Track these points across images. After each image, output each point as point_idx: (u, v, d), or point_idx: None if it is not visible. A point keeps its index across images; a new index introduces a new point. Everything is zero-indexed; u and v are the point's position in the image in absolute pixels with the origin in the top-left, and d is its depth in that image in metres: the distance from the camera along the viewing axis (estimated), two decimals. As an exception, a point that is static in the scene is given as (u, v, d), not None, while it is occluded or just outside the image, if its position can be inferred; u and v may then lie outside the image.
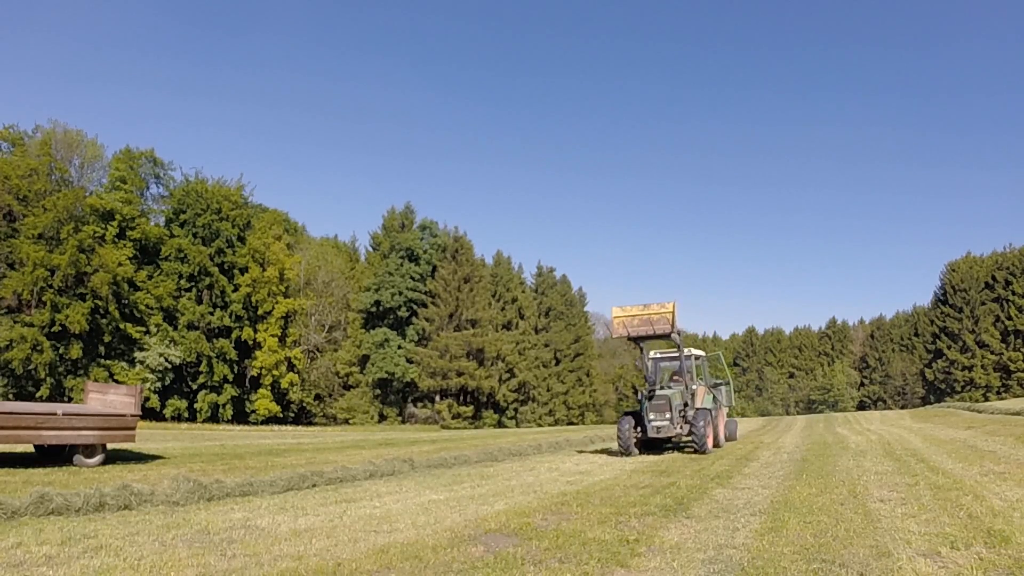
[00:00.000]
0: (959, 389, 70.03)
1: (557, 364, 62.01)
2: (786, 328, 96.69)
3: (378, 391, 55.37)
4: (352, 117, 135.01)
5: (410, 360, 54.15)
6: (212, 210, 45.66)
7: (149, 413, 39.96)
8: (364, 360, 55.23)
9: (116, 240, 41.91)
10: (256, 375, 47.05)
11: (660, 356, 18.79)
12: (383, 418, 54.66)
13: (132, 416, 13.13)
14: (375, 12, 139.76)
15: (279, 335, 47.62)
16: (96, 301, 38.67)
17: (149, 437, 20.60)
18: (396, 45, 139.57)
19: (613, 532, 6.63)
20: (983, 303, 72.55)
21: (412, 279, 56.61)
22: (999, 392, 67.69)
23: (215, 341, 45.09)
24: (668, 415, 15.87)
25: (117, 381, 37.94)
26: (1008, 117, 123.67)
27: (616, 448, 16.87)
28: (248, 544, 6.24)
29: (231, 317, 45.88)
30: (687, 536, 6.42)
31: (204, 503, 8.91)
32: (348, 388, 55.28)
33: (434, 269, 57.48)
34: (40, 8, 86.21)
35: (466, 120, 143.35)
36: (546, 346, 61.56)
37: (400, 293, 55.71)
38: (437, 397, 54.32)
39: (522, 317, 60.59)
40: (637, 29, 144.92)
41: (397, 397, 56.32)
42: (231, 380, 45.65)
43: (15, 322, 37.31)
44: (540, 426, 53.59)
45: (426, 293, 56.34)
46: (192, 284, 45.07)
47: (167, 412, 43.01)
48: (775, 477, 11.05)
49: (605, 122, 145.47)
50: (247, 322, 46.70)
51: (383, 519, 7.64)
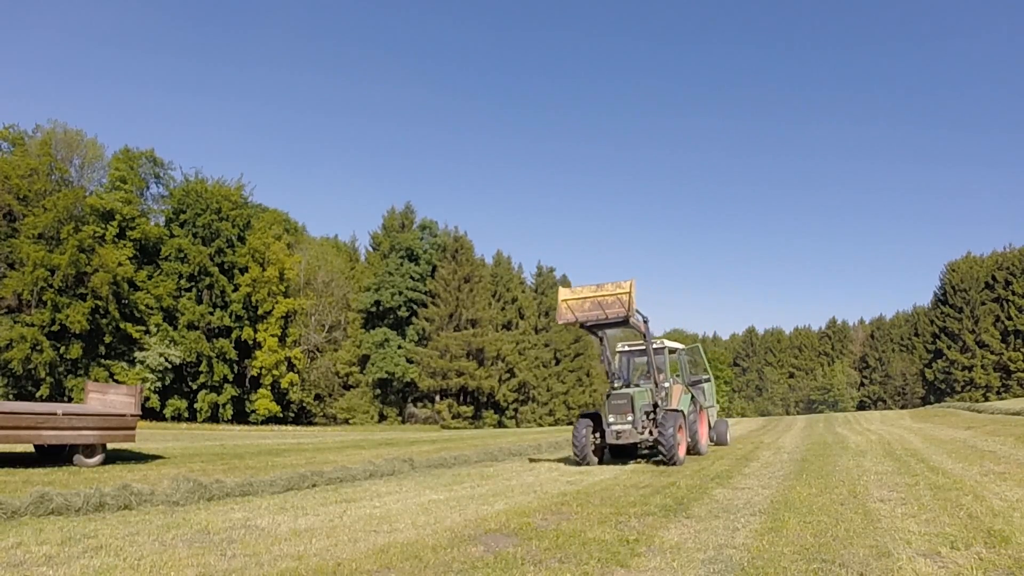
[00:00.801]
0: (959, 389, 70.03)
1: (557, 364, 62.01)
2: (786, 328, 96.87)
3: (378, 391, 55.37)
4: (352, 117, 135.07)
5: (410, 360, 54.16)
6: (212, 210, 45.65)
7: (149, 413, 39.96)
8: (364, 360, 55.23)
9: (116, 240, 41.91)
10: (256, 375, 47.06)
11: (631, 349, 16.40)
12: (383, 418, 54.67)
13: (132, 416, 13.13)
14: (375, 12, 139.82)
15: (279, 335, 47.62)
16: (96, 301, 38.67)
17: (149, 437, 20.60)
18: (396, 45, 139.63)
19: (613, 532, 6.63)
20: (983, 303, 72.56)
21: (412, 279, 56.61)
22: (999, 392, 67.70)
23: (215, 341, 45.09)
24: (630, 417, 13.57)
25: (117, 381, 37.95)
26: (1008, 117, 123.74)
27: (572, 457, 14.49)
28: (248, 544, 6.24)
29: (231, 317, 45.88)
30: (687, 536, 6.42)
31: (204, 503, 8.91)
32: (348, 388, 55.29)
33: (434, 269, 57.48)
34: (40, 8, 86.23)
35: (466, 120, 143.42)
36: (546, 346, 61.56)
37: (400, 293, 55.71)
38: (437, 397, 54.32)
39: (522, 317, 60.61)
40: (637, 28, 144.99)
41: (397, 397, 56.33)
42: (231, 380, 45.65)
43: (15, 322, 37.31)
44: (540, 426, 53.58)
45: (426, 293, 56.35)
46: (192, 284, 45.07)
47: (167, 412, 43.01)
48: (775, 477, 11.05)
49: (605, 122, 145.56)
50: (247, 322, 46.70)
51: (383, 519, 7.63)
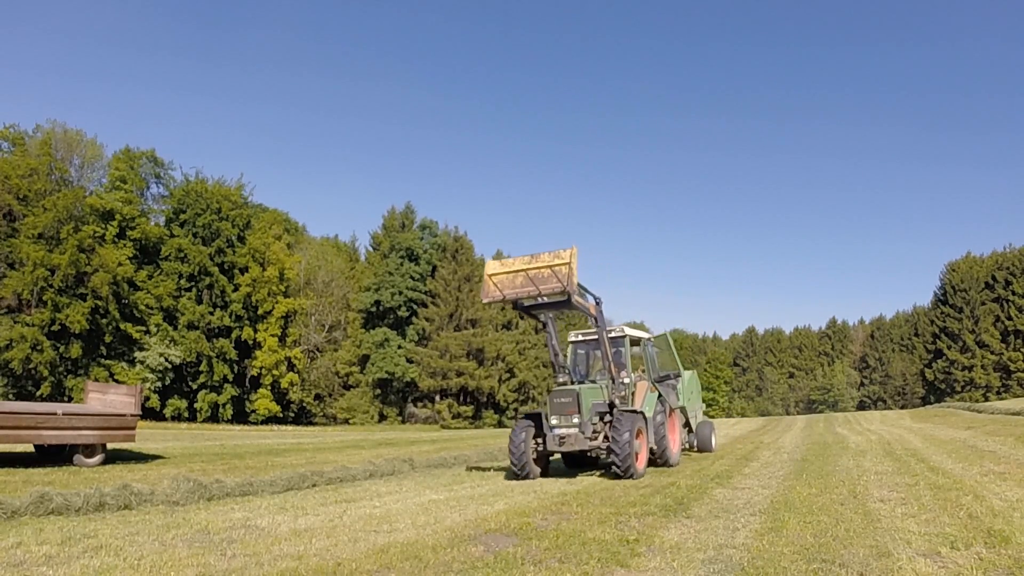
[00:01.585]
0: (959, 389, 70.01)
1: (557, 364, 61.92)
2: (786, 328, 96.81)
3: (378, 391, 55.37)
4: (352, 117, 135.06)
5: (410, 360, 54.15)
6: (212, 210, 45.66)
7: (149, 413, 39.96)
8: (364, 360, 55.23)
9: (116, 240, 41.92)
10: (256, 375, 47.06)
11: (586, 339, 13.80)
12: (383, 418, 54.67)
13: (132, 416, 13.14)
14: (375, 11, 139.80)
15: (279, 335, 47.63)
16: (96, 301, 38.67)
17: (149, 437, 20.60)
18: (396, 45, 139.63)
19: (613, 532, 6.63)
20: (983, 303, 72.54)
21: (412, 279, 56.61)
22: (999, 392, 67.68)
23: (215, 341, 45.10)
24: (576, 419, 11.22)
25: (117, 381, 37.95)
26: (1008, 117, 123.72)
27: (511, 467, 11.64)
28: (248, 544, 6.24)
29: (231, 317, 45.88)
30: (687, 536, 6.42)
31: (204, 503, 8.91)
32: (348, 388, 55.29)
33: (434, 269, 57.49)
34: (40, 8, 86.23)
35: (466, 120, 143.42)
36: (546, 346, 61.45)
37: (400, 293, 55.71)
38: (437, 397, 54.31)
39: (522, 317, 60.53)
40: (637, 27, 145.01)
41: (397, 397, 56.33)
42: (231, 380, 45.66)
43: (15, 322, 37.32)
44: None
45: (426, 293, 56.35)
46: (192, 284, 45.07)
47: (167, 412, 43.02)
48: (775, 477, 11.05)
49: (605, 121, 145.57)
50: (247, 322, 46.71)
51: (383, 519, 7.64)
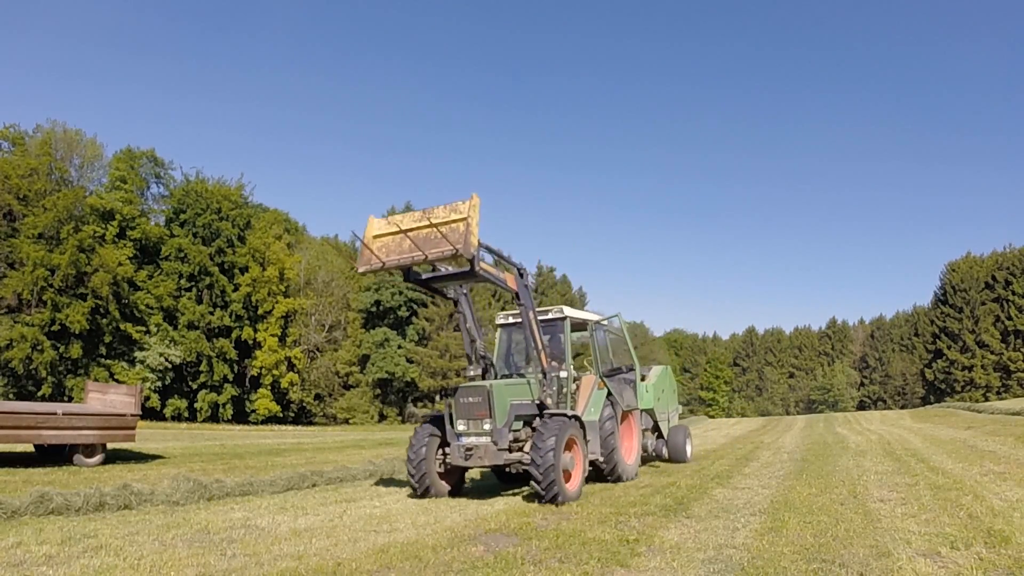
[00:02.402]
0: (959, 389, 70.03)
1: (557, 364, 61.94)
2: (786, 328, 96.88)
3: (378, 391, 55.36)
4: (352, 117, 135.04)
5: (410, 360, 54.14)
6: (212, 210, 45.67)
7: (149, 413, 39.96)
8: (364, 360, 55.23)
9: (116, 240, 41.92)
10: (256, 375, 47.07)
11: (517, 321, 10.80)
12: (383, 418, 54.66)
13: (132, 416, 13.15)
14: (375, 11, 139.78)
15: (279, 335, 47.63)
16: (96, 301, 38.67)
17: (149, 437, 20.60)
18: (396, 44, 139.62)
19: (613, 532, 6.63)
20: (983, 303, 72.55)
21: (412, 279, 56.56)
22: (999, 392, 67.69)
23: (215, 341, 45.10)
24: (488, 424, 8.86)
25: (117, 381, 37.96)
26: (1008, 116, 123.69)
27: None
28: (248, 544, 6.24)
29: (231, 317, 45.89)
30: (687, 536, 6.42)
31: (204, 503, 8.91)
32: (348, 388, 55.28)
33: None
34: (40, 8, 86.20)
35: (466, 120, 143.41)
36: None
37: (400, 292, 55.70)
38: (437, 397, 54.19)
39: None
40: (636, 27, 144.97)
41: (397, 397, 56.32)
42: (231, 380, 45.66)
43: (15, 322, 37.31)
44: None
45: (426, 293, 56.27)
46: (192, 284, 45.07)
47: (167, 412, 43.02)
48: (775, 477, 11.05)
49: (605, 121, 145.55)
50: (247, 322, 46.71)
51: (383, 519, 7.64)
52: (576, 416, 9.21)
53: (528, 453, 8.65)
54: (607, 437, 10.34)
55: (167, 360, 42.13)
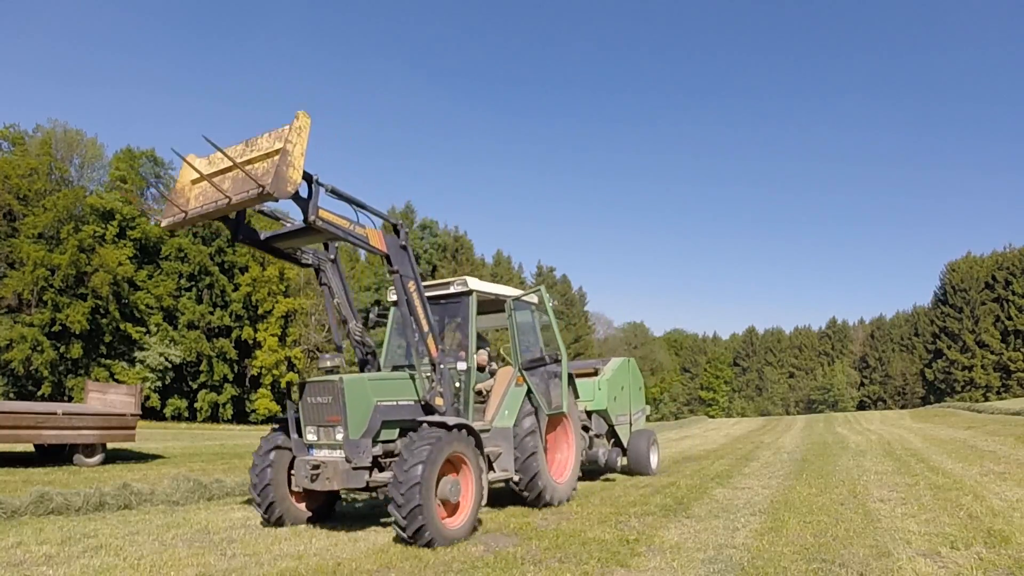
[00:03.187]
0: (959, 389, 70.08)
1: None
2: (786, 328, 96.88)
3: (378, 391, 55.37)
4: (353, 117, 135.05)
5: (410, 360, 54.17)
6: (212, 210, 45.64)
7: (149, 412, 39.98)
8: (364, 360, 55.24)
9: (116, 240, 41.95)
10: (256, 374, 47.09)
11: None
12: (383, 418, 54.68)
13: (132, 415, 13.15)
14: (375, 11, 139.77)
15: (279, 334, 47.65)
16: (96, 301, 38.68)
17: (149, 436, 20.61)
18: (396, 44, 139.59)
19: (613, 532, 6.64)
20: (983, 303, 72.59)
21: (412, 279, 56.62)
22: (999, 392, 67.73)
23: (215, 340, 45.12)
24: (340, 434, 6.75)
25: (117, 380, 37.95)
26: (1008, 117, 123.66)
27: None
28: (248, 543, 6.24)
29: (231, 316, 45.92)
30: (687, 536, 6.43)
31: (204, 502, 8.91)
32: (348, 388, 55.28)
33: (434, 269, 57.50)
34: (40, 8, 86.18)
35: (466, 120, 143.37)
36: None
37: (400, 293, 55.76)
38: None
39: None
40: (638, 27, 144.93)
41: (397, 397, 56.33)
42: (231, 379, 45.70)
43: (15, 322, 37.34)
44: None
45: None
46: (192, 284, 45.10)
47: (167, 411, 43.05)
48: (775, 477, 11.05)
49: (605, 121, 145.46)
50: (247, 321, 46.74)
51: (383, 518, 7.64)
52: (464, 425, 6.69)
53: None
54: (526, 450, 7.97)
55: (167, 360, 42.15)
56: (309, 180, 6.18)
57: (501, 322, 9.44)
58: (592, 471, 11.91)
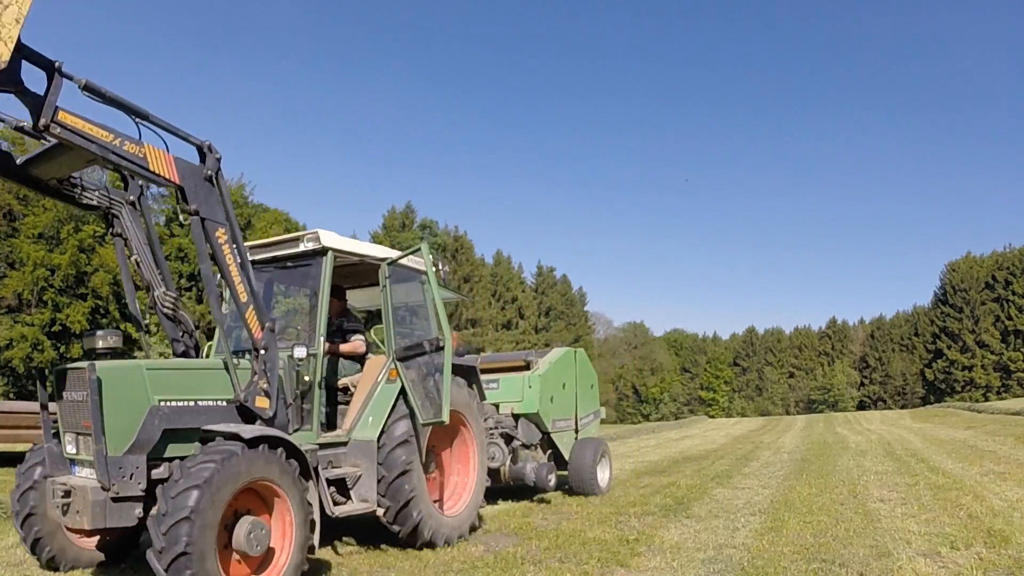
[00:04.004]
0: (959, 389, 70.07)
1: (557, 364, 62.05)
2: (786, 328, 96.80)
3: (378, 391, 55.46)
4: (352, 117, 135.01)
5: (410, 360, 54.23)
6: (212, 210, 45.66)
7: (149, 413, 39.97)
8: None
9: (116, 240, 42.01)
10: (256, 375, 47.16)
11: (266, 256, 6.52)
12: (383, 418, 54.75)
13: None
14: (375, 11, 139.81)
15: (279, 335, 47.73)
16: (96, 301, 38.71)
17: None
18: (398, 44, 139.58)
19: (613, 532, 6.64)
20: (983, 303, 72.59)
21: (412, 279, 56.70)
22: (999, 392, 67.70)
23: (215, 341, 45.21)
24: (75, 444, 4.84)
25: (117, 381, 37.95)
26: (1008, 116, 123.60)
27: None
28: None
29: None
30: (687, 536, 6.43)
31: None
32: (348, 388, 55.36)
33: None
34: (40, 8, 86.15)
35: (466, 120, 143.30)
36: (546, 346, 61.59)
37: (400, 292, 55.84)
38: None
39: (522, 317, 60.66)
40: (638, 26, 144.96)
41: (397, 397, 56.42)
42: (231, 380, 45.76)
43: (15, 322, 37.39)
44: (540, 426, 53.55)
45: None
46: (192, 284, 45.10)
47: (167, 412, 43.09)
48: (775, 477, 11.06)
49: (606, 121, 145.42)
50: (247, 322, 46.81)
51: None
52: (272, 438, 4.69)
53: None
54: (395, 467, 5.78)
55: (167, 360, 42.21)
56: (49, 69, 4.40)
57: (412, 297, 7.06)
58: (525, 490, 9.18)
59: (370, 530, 6.93)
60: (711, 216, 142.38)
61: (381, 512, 5.84)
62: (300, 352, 5.44)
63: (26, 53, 4.30)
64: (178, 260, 44.58)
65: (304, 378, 5.63)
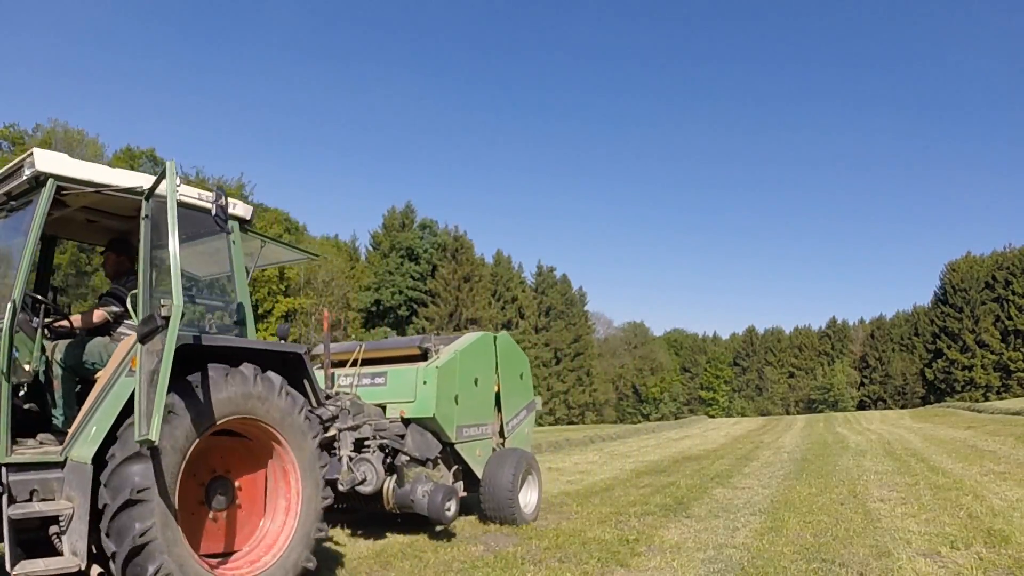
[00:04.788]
0: (959, 389, 70.09)
1: (557, 363, 62.05)
2: (786, 328, 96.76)
3: (378, 390, 55.40)
4: (353, 116, 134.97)
5: (410, 359, 54.19)
6: (212, 209, 45.70)
7: (149, 412, 40.00)
8: (364, 359, 55.27)
9: (116, 239, 42.05)
10: (256, 374, 47.19)
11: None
12: (383, 417, 54.72)
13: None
14: (375, 11, 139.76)
15: (279, 334, 47.75)
16: (97, 301, 38.83)
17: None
18: (398, 43, 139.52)
19: (613, 532, 6.64)
20: (983, 303, 72.60)
21: (412, 278, 56.67)
22: (999, 392, 67.69)
23: (215, 340, 45.22)
24: None
25: (117, 380, 37.99)
26: (1008, 116, 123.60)
27: None
28: None
29: (231, 316, 46.03)
30: (687, 536, 6.43)
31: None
32: (348, 387, 55.31)
33: (434, 268, 57.53)
34: (40, 8, 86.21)
35: (466, 120, 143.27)
36: (546, 345, 61.60)
37: (400, 292, 55.78)
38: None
39: (522, 316, 60.64)
40: (638, 26, 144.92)
41: (397, 396, 56.36)
42: (231, 379, 45.77)
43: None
44: (540, 425, 53.63)
45: (426, 292, 56.40)
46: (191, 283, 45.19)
47: (167, 411, 43.12)
48: (775, 477, 11.06)
49: (606, 121, 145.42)
50: (247, 321, 46.85)
51: (382, 518, 7.63)
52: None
53: None
54: (120, 494, 3.64)
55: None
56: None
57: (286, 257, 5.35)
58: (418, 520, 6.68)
59: (370, 529, 6.93)
60: (711, 216, 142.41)
61: (113, 565, 3.68)
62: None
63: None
64: None
65: (24, 367, 3.99)
